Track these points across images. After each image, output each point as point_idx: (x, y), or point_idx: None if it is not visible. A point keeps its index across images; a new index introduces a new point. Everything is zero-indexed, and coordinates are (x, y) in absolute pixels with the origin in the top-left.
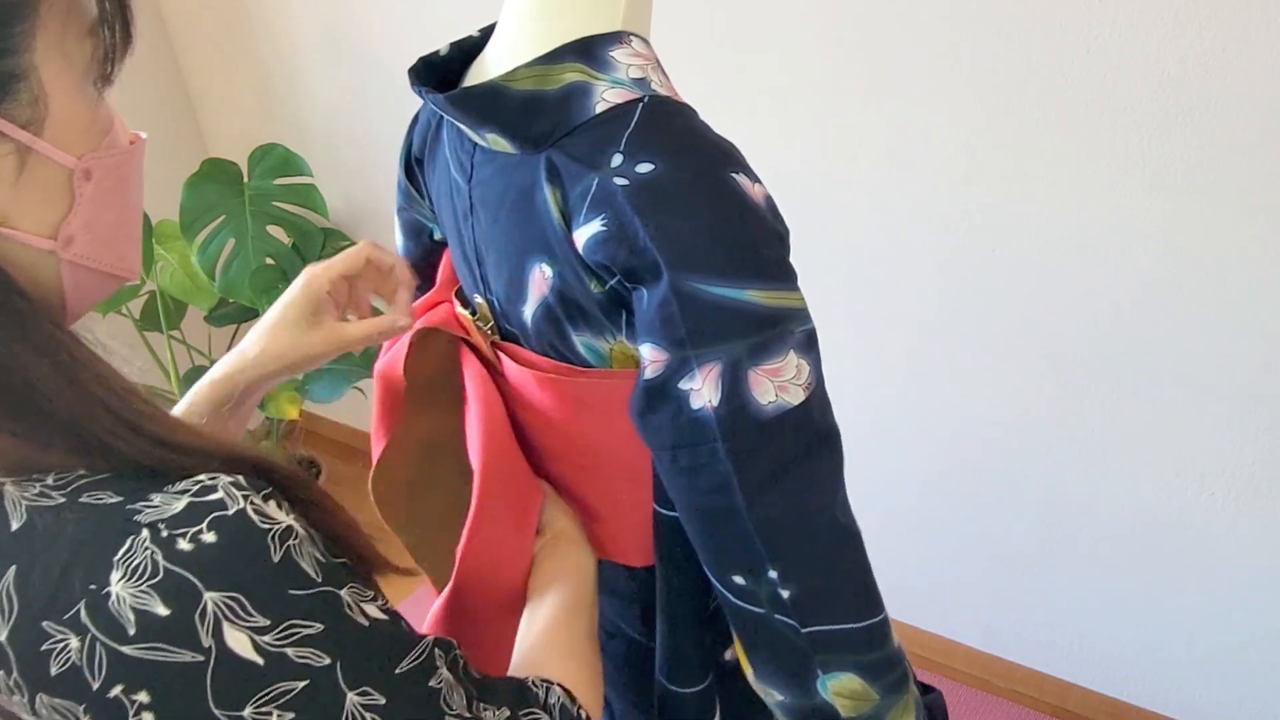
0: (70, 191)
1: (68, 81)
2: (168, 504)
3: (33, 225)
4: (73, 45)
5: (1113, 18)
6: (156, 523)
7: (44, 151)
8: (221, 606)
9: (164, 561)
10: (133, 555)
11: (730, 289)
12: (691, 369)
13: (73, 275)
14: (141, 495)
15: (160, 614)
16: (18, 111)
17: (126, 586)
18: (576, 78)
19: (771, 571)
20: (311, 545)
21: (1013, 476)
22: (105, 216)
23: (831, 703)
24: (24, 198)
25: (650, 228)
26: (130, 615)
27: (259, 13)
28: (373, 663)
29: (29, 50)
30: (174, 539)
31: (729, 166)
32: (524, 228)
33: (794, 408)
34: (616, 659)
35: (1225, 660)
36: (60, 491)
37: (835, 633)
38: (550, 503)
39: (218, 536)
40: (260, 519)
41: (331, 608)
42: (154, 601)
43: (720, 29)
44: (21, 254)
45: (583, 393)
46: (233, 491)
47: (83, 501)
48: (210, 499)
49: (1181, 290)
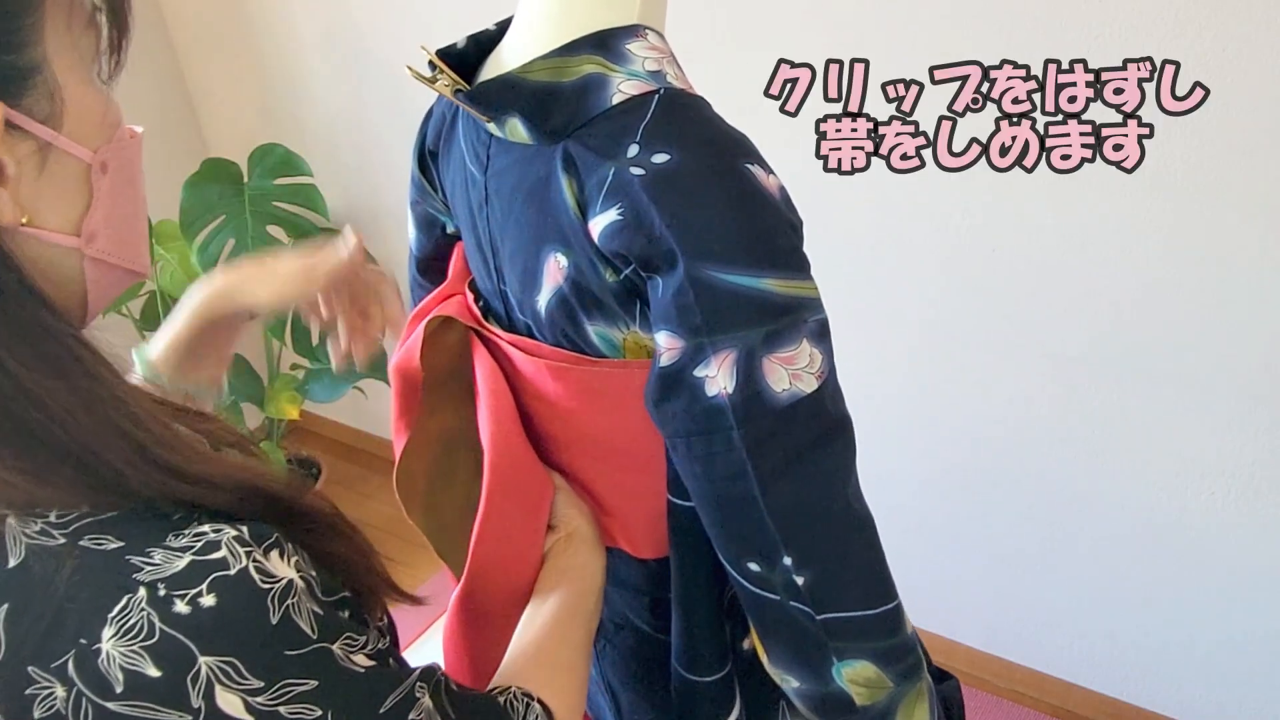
0: (88, 186)
1: (80, 74)
2: (169, 561)
3: (57, 222)
4: (78, 37)
5: (1112, 17)
6: (156, 582)
7: (64, 147)
8: (215, 670)
9: (160, 624)
10: (128, 615)
11: (746, 277)
12: (707, 356)
13: (94, 272)
14: (143, 545)
15: (151, 675)
16: (36, 106)
17: (118, 645)
18: (593, 69)
19: (786, 558)
20: (309, 597)
21: (1013, 476)
22: (120, 210)
23: (847, 690)
24: (46, 195)
25: (666, 216)
26: (119, 674)
27: (259, 13)
28: (360, 706)
29: (41, 43)
30: (171, 600)
31: (744, 157)
32: (539, 218)
33: (807, 395)
34: (625, 650)
35: (1225, 660)
36: (61, 531)
37: (850, 620)
38: (565, 499)
39: (217, 600)
40: (261, 579)
41: (325, 662)
42: (145, 663)
43: (721, 27)
44: (46, 253)
45: (596, 383)
46: (235, 549)
47: (83, 545)
48: (213, 557)
49: (1181, 290)
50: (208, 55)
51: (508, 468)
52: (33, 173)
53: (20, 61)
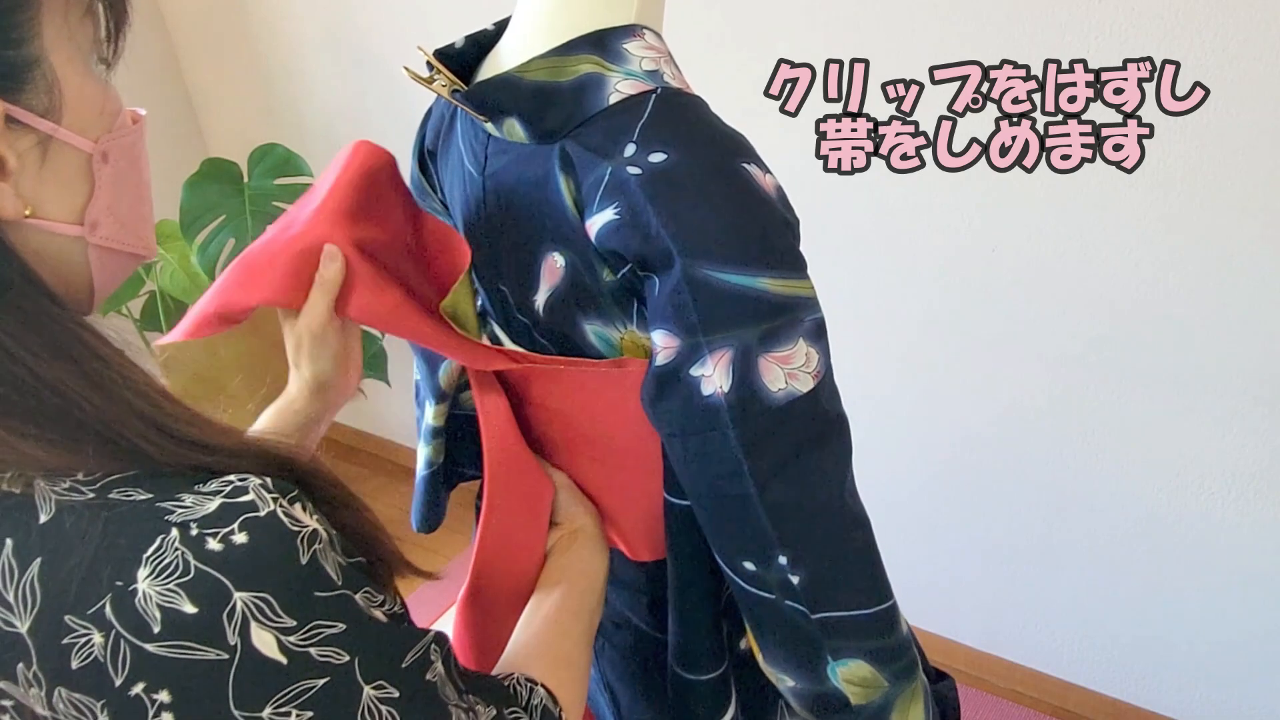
0: (90, 176)
1: (79, 65)
2: (200, 504)
3: (60, 213)
4: (76, 28)
5: (1112, 17)
6: (188, 522)
7: (64, 139)
8: (250, 606)
9: (194, 561)
10: (163, 554)
11: (742, 276)
12: (703, 355)
13: (99, 258)
14: (172, 493)
15: (188, 612)
16: (36, 100)
17: (154, 584)
18: (590, 69)
19: (781, 557)
20: (332, 548)
21: (1013, 476)
22: (123, 196)
23: (841, 689)
24: (48, 186)
25: (663, 216)
26: (156, 613)
27: (259, 13)
28: (385, 657)
29: (38, 36)
30: (204, 539)
31: (741, 157)
32: (537, 217)
33: (803, 395)
34: (624, 649)
35: (1225, 660)
36: (90, 487)
37: (844, 619)
38: (569, 497)
39: (249, 538)
40: (290, 521)
41: (352, 609)
42: (182, 600)
43: (721, 27)
44: (49, 243)
45: (593, 383)
46: (263, 494)
47: (112, 498)
48: (242, 500)
49: (1181, 290)
50: (208, 55)
51: (506, 469)
52: (34, 165)
53: (18, 56)
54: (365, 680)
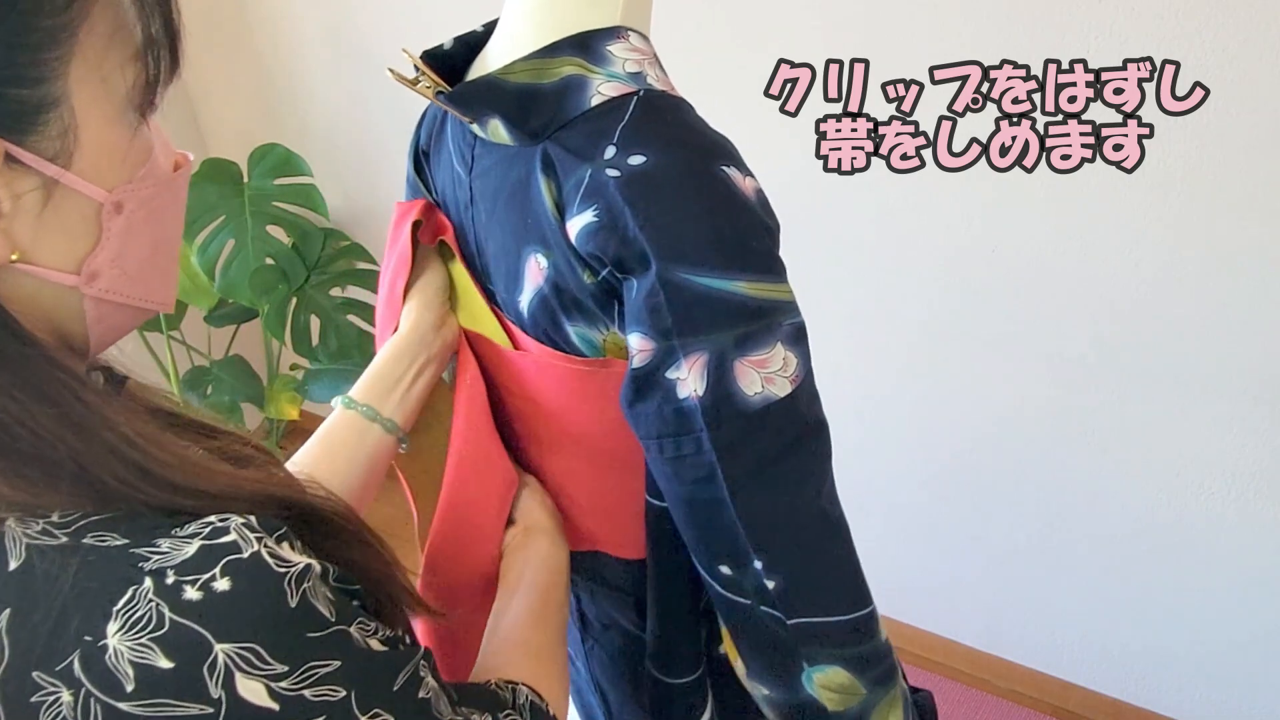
0: (98, 224)
1: (105, 110)
2: (177, 549)
3: (54, 259)
4: (113, 72)
5: (1112, 17)
6: (164, 569)
7: (72, 185)
8: (234, 657)
9: (169, 613)
10: (134, 606)
11: (718, 280)
12: (678, 359)
13: (96, 310)
14: (149, 538)
15: (163, 667)
16: (45, 144)
17: (125, 639)
18: (573, 71)
19: (756, 562)
20: (324, 581)
21: (1013, 476)
22: (135, 250)
23: (817, 697)
24: (48, 231)
25: (640, 218)
26: (129, 670)
27: (259, 13)
28: (379, 684)
29: (61, 78)
30: (181, 587)
31: (720, 159)
32: (520, 219)
33: (780, 400)
34: (612, 650)
35: (1225, 660)
36: (64, 530)
37: (821, 625)
38: (529, 494)
39: (232, 584)
40: (276, 562)
41: (346, 644)
42: (156, 655)
43: (721, 27)
44: (40, 289)
45: (576, 380)
46: (246, 534)
47: (86, 543)
48: (223, 541)
49: (1181, 290)
50: (208, 55)
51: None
52: (33, 208)
53: (34, 96)
54: (361, 711)
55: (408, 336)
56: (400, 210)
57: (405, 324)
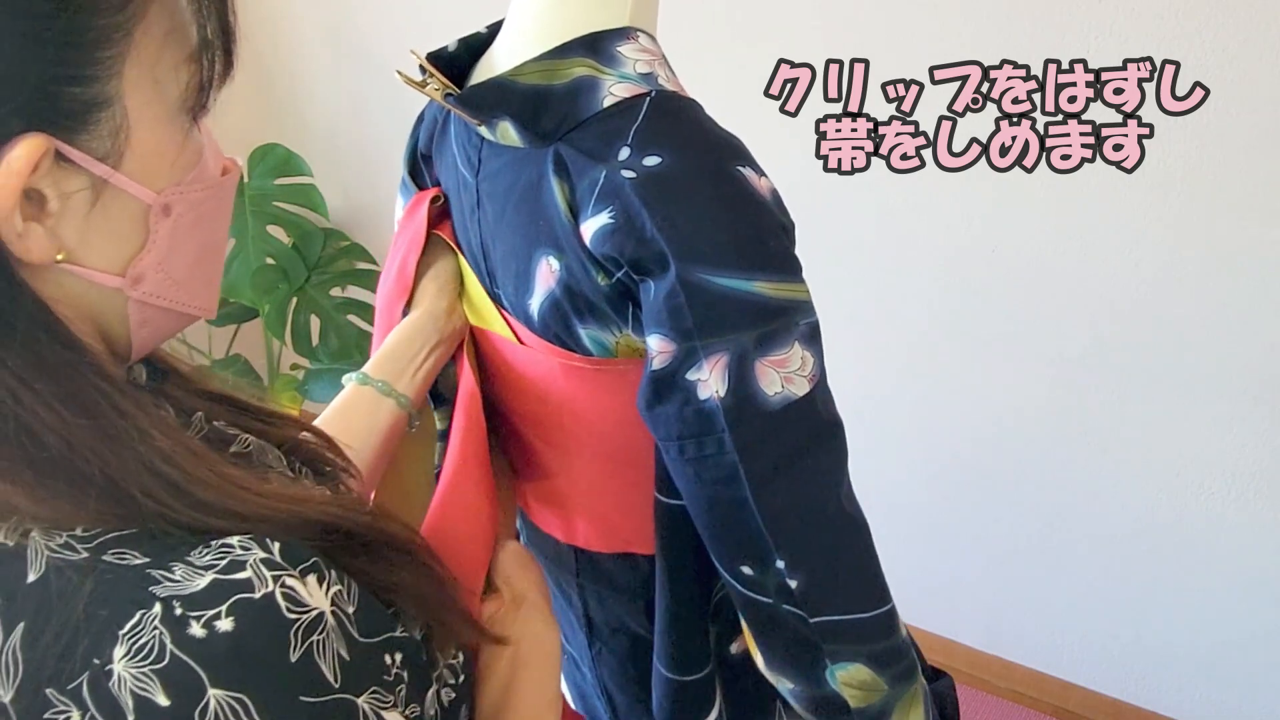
0: (145, 226)
1: (157, 111)
2: (190, 578)
3: (100, 261)
4: (166, 73)
5: (1112, 17)
6: (172, 599)
7: (121, 185)
8: (224, 706)
9: (171, 646)
10: (140, 632)
11: (737, 280)
12: (699, 360)
13: (140, 313)
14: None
15: (161, 704)
16: (96, 144)
17: (129, 666)
18: (584, 72)
19: (779, 562)
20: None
21: (1013, 476)
22: (181, 253)
23: (840, 693)
24: (95, 232)
25: (658, 219)
26: (129, 700)
27: (259, 13)
28: None
29: (116, 77)
30: (187, 621)
31: (735, 160)
32: (531, 221)
33: (799, 399)
34: (620, 654)
35: (1225, 660)
36: (85, 545)
37: (843, 623)
38: (513, 558)
39: (235, 625)
40: (288, 607)
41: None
42: (156, 689)
43: (721, 27)
44: (85, 290)
45: (587, 377)
46: (262, 571)
47: (105, 560)
48: (237, 577)
49: (1181, 290)
50: None
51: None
52: (81, 208)
53: (86, 95)
54: None
55: (421, 318)
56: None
57: (419, 306)
